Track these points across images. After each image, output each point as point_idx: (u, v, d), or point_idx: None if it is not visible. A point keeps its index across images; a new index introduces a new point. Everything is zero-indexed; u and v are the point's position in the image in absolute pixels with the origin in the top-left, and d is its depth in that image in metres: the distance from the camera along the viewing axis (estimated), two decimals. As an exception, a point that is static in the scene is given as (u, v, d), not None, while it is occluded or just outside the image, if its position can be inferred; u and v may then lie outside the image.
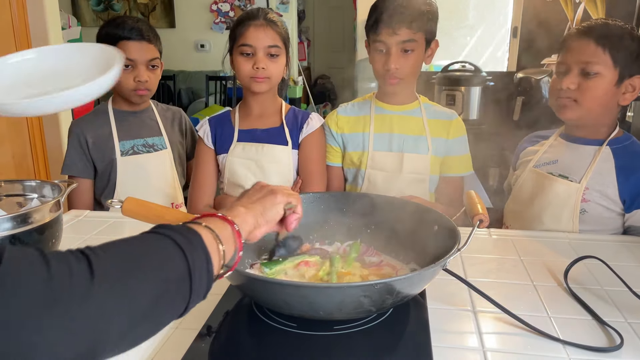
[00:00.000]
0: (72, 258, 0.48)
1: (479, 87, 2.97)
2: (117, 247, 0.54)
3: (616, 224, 1.32)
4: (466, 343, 0.82)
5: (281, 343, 0.80)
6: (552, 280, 1.02)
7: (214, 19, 5.58)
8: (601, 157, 1.32)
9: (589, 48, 1.27)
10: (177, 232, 0.59)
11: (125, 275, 0.50)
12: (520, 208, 1.46)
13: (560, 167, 1.38)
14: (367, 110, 1.55)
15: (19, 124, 2.47)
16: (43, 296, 0.44)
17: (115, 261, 0.51)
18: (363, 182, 1.53)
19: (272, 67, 1.45)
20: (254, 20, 1.44)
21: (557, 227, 1.34)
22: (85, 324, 0.46)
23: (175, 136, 1.77)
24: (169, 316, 0.57)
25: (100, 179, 1.67)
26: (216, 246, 0.63)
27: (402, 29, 1.38)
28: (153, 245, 0.57)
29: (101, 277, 0.48)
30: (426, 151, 1.49)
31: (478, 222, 0.94)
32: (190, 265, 0.57)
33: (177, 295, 0.56)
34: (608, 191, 1.29)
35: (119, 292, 0.49)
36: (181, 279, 0.56)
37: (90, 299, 0.46)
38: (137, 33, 1.58)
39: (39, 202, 1.10)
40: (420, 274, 0.80)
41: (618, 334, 0.82)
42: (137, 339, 0.53)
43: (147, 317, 0.52)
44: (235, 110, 1.58)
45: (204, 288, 0.60)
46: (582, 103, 1.29)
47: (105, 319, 0.47)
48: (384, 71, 1.43)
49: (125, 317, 0.49)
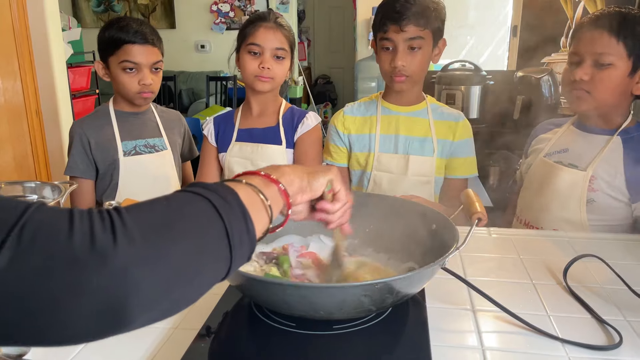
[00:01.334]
0: (97, 218, 0.45)
1: (479, 86, 2.97)
2: (146, 208, 0.50)
3: (625, 213, 1.32)
4: (465, 342, 0.82)
5: (281, 343, 0.80)
6: (551, 278, 1.02)
7: (214, 20, 5.59)
8: (610, 147, 1.31)
9: (602, 38, 1.25)
10: (212, 191, 0.55)
11: (151, 238, 0.47)
12: (531, 198, 1.46)
13: (570, 156, 1.37)
14: (373, 111, 1.55)
15: (19, 125, 2.48)
16: (60, 256, 0.42)
17: (141, 224, 0.47)
18: (369, 184, 1.53)
19: (277, 69, 1.49)
20: (264, 22, 1.48)
21: (565, 216, 1.34)
22: (107, 287, 0.43)
23: (174, 138, 1.78)
24: (208, 280, 0.53)
25: (102, 179, 1.67)
26: (260, 202, 0.60)
27: (409, 26, 1.37)
28: (184, 205, 0.53)
29: (124, 238, 0.45)
30: (431, 153, 1.49)
31: (477, 221, 0.95)
32: (227, 225, 0.52)
33: (214, 258, 0.52)
34: (615, 181, 1.29)
35: (144, 255, 0.45)
36: (218, 240, 0.52)
37: (112, 261, 0.43)
38: (142, 37, 1.58)
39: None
40: (420, 273, 0.80)
41: (617, 332, 0.82)
42: (172, 306, 0.50)
43: (181, 281, 0.49)
44: (238, 109, 1.62)
45: (246, 250, 0.56)
46: (596, 94, 1.28)
47: (130, 283, 0.44)
48: (391, 69, 1.43)
49: (153, 281, 0.46)
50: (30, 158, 2.55)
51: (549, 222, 1.39)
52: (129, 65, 1.58)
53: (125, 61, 1.58)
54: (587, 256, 1.06)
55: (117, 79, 1.61)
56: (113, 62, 1.60)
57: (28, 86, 2.50)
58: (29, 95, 2.51)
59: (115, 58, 1.59)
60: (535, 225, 1.43)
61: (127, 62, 1.58)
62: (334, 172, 0.78)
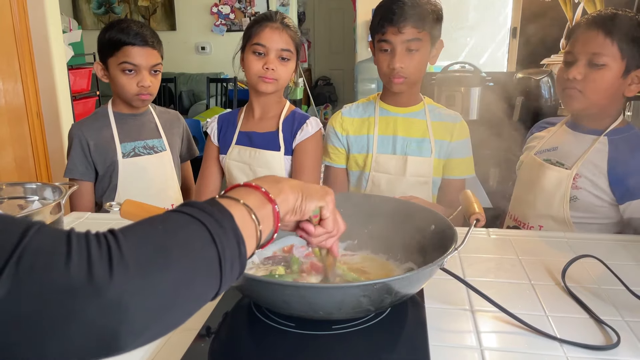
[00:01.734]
0: (94, 245, 0.46)
1: (478, 88, 2.97)
2: (140, 232, 0.51)
3: (608, 213, 1.33)
4: (464, 342, 0.82)
5: (280, 343, 0.81)
6: (549, 279, 1.02)
7: (215, 22, 5.60)
8: (596, 147, 1.33)
9: (597, 39, 1.26)
10: (207, 213, 0.54)
11: (146, 267, 0.47)
12: (520, 194, 1.49)
13: (558, 155, 1.40)
14: (371, 112, 1.56)
15: (20, 126, 2.49)
16: (58, 287, 0.43)
17: (136, 250, 0.48)
18: (367, 185, 1.53)
19: (282, 70, 1.47)
20: (270, 22, 1.47)
21: (548, 213, 1.37)
22: (102, 317, 0.44)
23: (173, 138, 1.79)
24: (196, 304, 0.54)
25: (101, 181, 1.68)
26: (253, 227, 0.59)
27: (407, 28, 1.38)
28: (180, 230, 0.52)
29: (120, 268, 0.45)
30: (429, 154, 1.49)
31: (475, 222, 0.95)
32: (220, 252, 0.53)
33: (205, 283, 0.53)
34: (599, 181, 1.31)
35: (138, 285, 0.46)
36: (210, 267, 0.52)
37: (107, 292, 0.44)
38: (142, 39, 1.59)
39: (40, 204, 1.11)
40: (418, 273, 0.80)
41: (615, 332, 0.82)
42: (161, 330, 0.50)
43: (172, 307, 0.50)
44: (242, 110, 1.61)
45: (236, 273, 0.56)
46: (588, 94, 1.29)
47: (123, 312, 0.45)
48: (389, 70, 1.43)
49: (145, 310, 0.47)
50: (31, 159, 2.56)
51: (535, 219, 1.41)
52: (128, 67, 1.59)
53: (124, 62, 1.58)
54: (585, 257, 1.06)
55: (115, 80, 1.62)
56: (112, 63, 1.60)
57: (29, 88, 2.50)
58: (30, 96, 2.51)
59: (114, 59, 1.60)
60: (523, 221, 1.45)
61: (127, 63, 1.58)
62: (328, 199, 0.75)
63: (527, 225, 1.44)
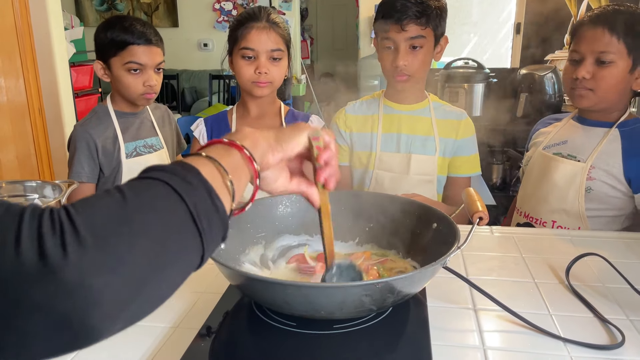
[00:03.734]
0: (46, 223, 0.41)
1: (482, 84, 2.95)
2: (97, 203, 0.46)
3: (623, 204, 1.34)
4: (467, 341, 0.81)
5: (281, 342, 0.80)
6: (553, 277, 1.01)
7: (217, 18, 5.58)
8: (609, 139, 1.34)
9: (603, 37, 1.27)
10: (170, 173, 0.50)
11: (107, 240, 0.42)
12: (529, 190, 1.49)
13: (569, 148, 1.40)
14: (375, 109, 1.54)
15: (22, 124, 2.48)
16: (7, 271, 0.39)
17: (94, 224, 0.43)
18: (370, 183, 1.52)
19: (275, 71, 1.42)
20: (256, 22, 1.40)
21: (563, 207, 1.37)
22: (61, 301, 0.40)
23: (167, 134, 1.78)
24: (180, 270, 0.49)
25: (105, 182, 1.66)
26: (221, 179, 0.54)
27: (411, 25, 1.37)
28: (140, 194, 0.48)
29: (75, 247, 0.41)
30: (434, 152, 1.48)
31: (478, 220, 0.94)
32: (190, 209, 0.48)
33: (182, 247, 0.48)
34: (613, 170, 1.32)
35: (101, 261, 0.41)
36: (182, 225, 0.47)
37: (63, 274, 0.40)
38: (146, 38, 1.57)
39: (40, 202, 1.10)
40: (421, 272, 0.79)
41: (619, 332, 0.81)
42: (144, 307, 0.46)
43: (149, 279, 0.45)
44: (232, 110, 1.55)
45: (218, 229, 0.51)
46: (598, 92, 1.31)
47: (88, 294, 0.40)
48: (393, 68, 1.42)
49: (116, 287, 0.42)
50: (33, 157, 2.56)
51: (547, 213, 1.41)
52: (134, 67, 1.57)
53: (130, 62, 1.56)
54: (589, 255, 1.05)
55: (120, 80, 1.60)
56: (116, 63, 1.58)
57: (31, 85, 2.50)
58: (32, 93, 2.51)
59: (118, 59, 1.58)
60: (535, 217, 1.45)
61: (133, 63, 1.56)
62: (306, 126, 0.70)
63: (539, 220, 1.44)
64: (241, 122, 1.52)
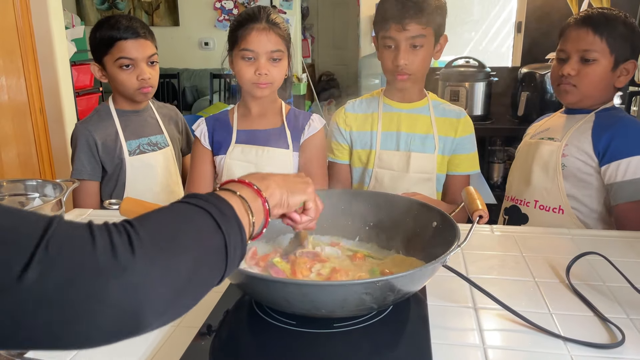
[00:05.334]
0: (115, 232, 0.49)
1: (483, 83, 2.95)
2: (154, 220, 0.55)
3: (596, 182, 1.39)
4: (467, 340, 0.81)
5: (281, 341, 0.80)
6: (554, 276, 1.01)
7: (218, 17, 5.58)
8: (585, 120, 1.42)
9: (587, 37, 1.37)
10: (210, 203, 0.59)
11: (164, 250, 0.51)
12: (516, 175, 1.57)
13: (550, 132, 1.49)
14: (375, 108, 1.54)
15: (23, 123, 2.49)
16: (86, 268, 0.45)
17: (154, 235, 0.52)
18: (370, 181, 1.52)
19: (275, 72, 1.41)
20: (255, 23, 1.38)
21: (544, 186, 1.44)
22: (127, 296, 0.47)
23: (173, 133, 1.78)
24: (206, 287, 0.58)
25: (109, 180, 1.66)
26: (248, 218, 0.64)
27: (411, 25, 1.37)
28: (188, 218, 0.57)
29: (141, 251, 0.48)
30: (433, 150, 1.48)
31: (478, 218, 0.94)
32: (225, 237, 0.57)
33: (214, 266, 0.57)
34: (584, 146, 1.39)
35: (159, 266, 0.50)
36: (218, 251, 0.57)
37: (131, 273, 0.47)
38: (133, 31, 1.57)
39: (41, 201, 1.11)
40: (421, 270, 0.79)
41: (620, 330, 0.81)
42: (178, 311, 0.54)
43: (186, 289, 0.53)
44: (233, 109, 1.53)
45: (239, 258, 0.61)
46: (581, 88, 1.40)
47: (146, 293, 0.48)
48: (393, 67, 1.42)
49: (165, 291, 0.50)
50: (35, 156, 2.56)
51: (530, 193, 1.48)
52: (125, 62, 1.57)
53: (120, 58, 1.57)
54: (590, 254, 1.05)
55: (115, 78, 1.60)
56: (108, 61, 1.59)
57: (32, 84, 2.50)
58: (33, 93, 2.51)
59: (110, 57, 1.58)
60: (519, 199, 1.52)
61: (123, 58, 1.57)
62: (310, 190, 0.82)
63: (523, 201, 1.50)
64: (242, 122, 1.51)
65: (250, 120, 1.51)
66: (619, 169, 1.34)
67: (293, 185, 0.79)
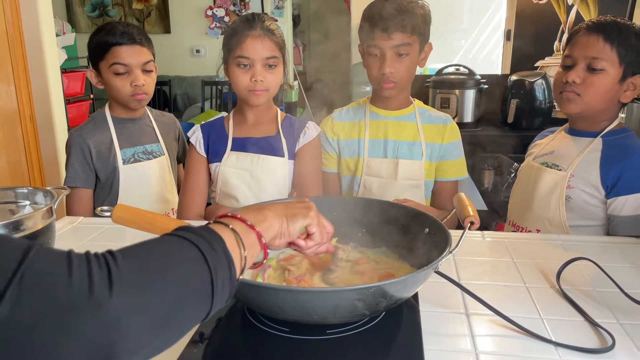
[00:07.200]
0: (94, 264, 0.48)
1: (473, 90, 2.98)
2: (138, 254, 0.53)
3: (602, 213, 1.34)
4: (459, 345, 0.82)
5: (274, 348, 0.80)
6: (544, 282, 1.02)
7: (209, 24, 5.59)
8: (591, 148, 1.35)
9: (597, 44, 1.29)
10: (200, 237, 0.58)
11: (143, 286, 0.49)
12: (517, 199, 1.51)
13: (554, 157, 1.42)
14: (361, 116, 1.55)
15: (13, 130, 2.47)
16: (59, 304, 0.44)
17: (135, 271, 0.50)
18: (359, 189, 1.53)
19: (271, 79, 1.41)
20: (250, 30, 1.38)
21: (546, 216, 1.38)
22: (101, 334, 0.45)
23: (170, 142, 1.77)
24: (189, 324, 0.56)
25: (102, 188, 1.65)
26: (239, 252, 0.63)
27: (396, 33, 1.38)
28: (174, 252, 0.56)
29: (119, 287, 0.47)
30: (420, 157, 1.49)
31: (469, 224, 0.95)
32: (212, 273, 0.56)
33: (198, 304, 0.55)
34: (591, 178, 1.32)
35: (136, 304, 0.48)
36: (203, 287, 0.55)
37: (106, 310, 0.45)
38: (129, 37, 1.57)
39: (32, 209, 1.10)
40: (413, 276, 0.80)
41: (610, 335, 0.82)
42: (157, 348, 0.52)
43: (166, 327, 0.51)
44: (229, 116, 1.53)
45: (226, 295, 0.59)
46: (585, 97, 1.32)
47: (121, 330, 0.46)
48: (379, 75, 1.43)
49: (143, 329, 0.48)
50: (25, 164, 2.54)
51: (532, 222, 1.43)
52: (119, 69, 1.57)
53: (115, 64, 1.56)
54: (580, 259, 1.06)
55: (109, 84, 1.60)
56: (103, 67, 1.59)
57: (22, 91, 2.49)
58: (23, 100, 2.50)
59: (105, 63, 1.58)
60: (520, 225, 1.46)
61: (118, 64, 1.56)
62: (311, 214, 0.79)
63: (525, 229, 1.45)
64: (238, 129, 1.50)
65: (245, 127, 1.50)
66: (626, 204, 1.29)
67: (293, 211, 0.77)
